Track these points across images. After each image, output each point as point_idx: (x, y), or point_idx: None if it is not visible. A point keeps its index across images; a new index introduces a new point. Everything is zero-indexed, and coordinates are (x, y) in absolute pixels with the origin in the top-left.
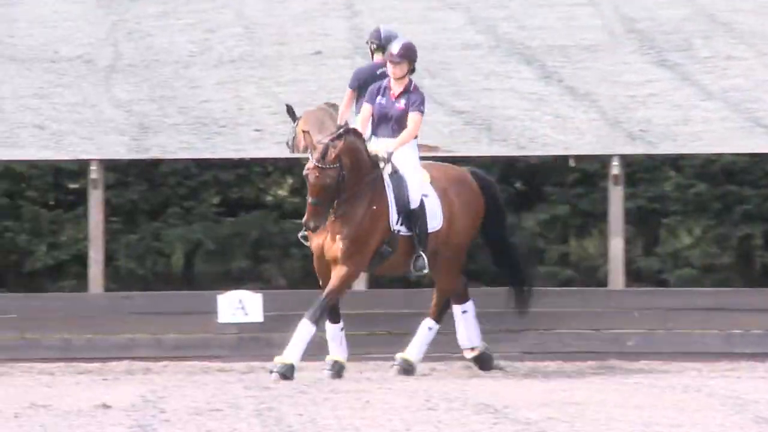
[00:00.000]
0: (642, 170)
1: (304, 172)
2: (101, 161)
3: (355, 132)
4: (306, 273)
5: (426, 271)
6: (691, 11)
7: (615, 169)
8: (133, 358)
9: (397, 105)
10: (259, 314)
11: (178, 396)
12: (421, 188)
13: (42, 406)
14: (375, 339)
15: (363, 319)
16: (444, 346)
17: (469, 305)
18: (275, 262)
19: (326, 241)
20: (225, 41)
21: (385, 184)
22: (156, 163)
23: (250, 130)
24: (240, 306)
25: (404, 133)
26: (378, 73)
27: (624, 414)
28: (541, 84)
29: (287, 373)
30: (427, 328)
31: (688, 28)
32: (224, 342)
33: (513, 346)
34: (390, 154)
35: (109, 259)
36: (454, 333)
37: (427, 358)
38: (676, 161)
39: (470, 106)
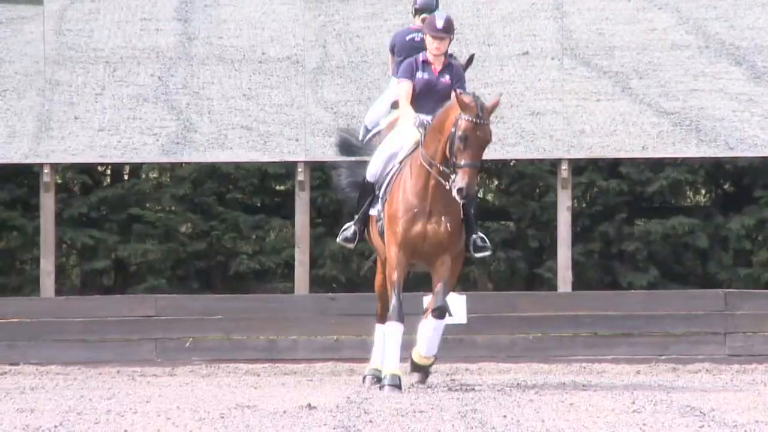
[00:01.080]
0: None
1: (460, 134)
2: (308, 163)
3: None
4: (510, 274)
5: (488, 252)
6: None
7: None
8: (338, 360)
9: (442, 79)
10: (464, 316)
11: (382, 397)
12: None
13: (247, 406)
14: (579, 340)
15: (567, 320)
16: (650, 348)
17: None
18: (481, 264)
19: (430, 225)
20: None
21: None
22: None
23: None
24: None
25: None
26: (407, 38)
27: None
28: (751, 84)
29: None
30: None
31: None
32: None
33: (719, 349)
34: None
35: (314, 261)
36: (658, 335)
37: (633, 360)
38: None
39: (679, 107)
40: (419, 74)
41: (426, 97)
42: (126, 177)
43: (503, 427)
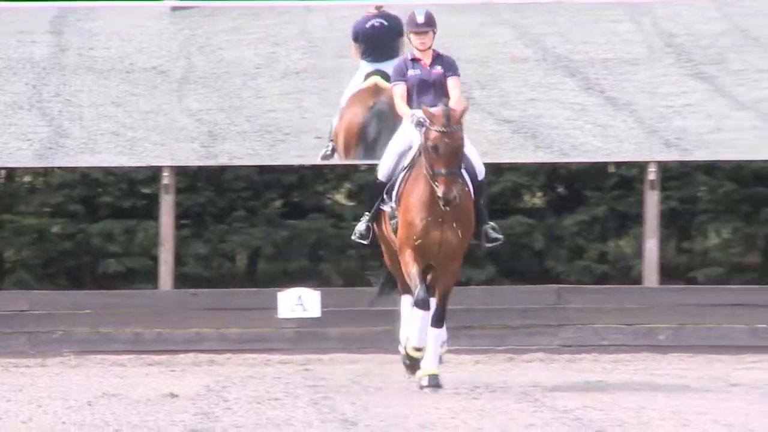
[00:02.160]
0: (676, 175)
1: (430, 144)
2: (173, 167)
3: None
4: (361, 271)
5: (500, 242)
6: (726, 27)
7: (651, 174)
8: (199, 351)
9: (433, 71)
10: (317, 310)
11: (239, 386)
12: (478, 157)
13: (113, 395)
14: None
15: None
16: (488, 340)
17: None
18: (332, 261)
19: (444, 234)
20: (290, 54)
21: None
22: (223, 169)
23: (312, 138)
24: (299, 302)
25: (456, 99)
26: (367, 26)
27: (655, 403)
28: (584, 95)
29: (437, 382)
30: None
31: (723, 43)
32: (284, 336)
33: (552, 340)
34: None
35: (178, 259)
36: (496, 327)
37: (472, 351)
38: (707, 167)
39: (517, 115)
40: (410, 72)
41: (423, 92)
42: (2, 180)
43: (352, 413)
